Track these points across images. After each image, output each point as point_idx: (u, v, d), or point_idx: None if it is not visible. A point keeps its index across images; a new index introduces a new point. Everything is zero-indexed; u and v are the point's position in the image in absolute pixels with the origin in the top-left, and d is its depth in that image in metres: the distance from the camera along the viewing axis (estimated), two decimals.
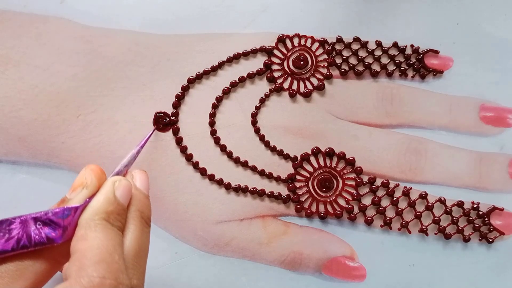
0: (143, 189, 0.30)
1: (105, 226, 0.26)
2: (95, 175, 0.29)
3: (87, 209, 0.27)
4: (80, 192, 0.28)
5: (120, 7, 0.40)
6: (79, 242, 0.25)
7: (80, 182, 0.29)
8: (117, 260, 0.25)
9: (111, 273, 0.24)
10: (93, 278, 0.23)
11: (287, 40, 0.40)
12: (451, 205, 0.39)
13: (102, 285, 0.23)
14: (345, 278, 0.39)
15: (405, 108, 0.40)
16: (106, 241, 0.25)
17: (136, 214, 0.28)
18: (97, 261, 0.24)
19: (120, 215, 0.28)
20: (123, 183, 0.29)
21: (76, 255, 0.25)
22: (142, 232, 0.28)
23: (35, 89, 0.39)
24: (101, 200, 0.27)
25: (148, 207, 0.30)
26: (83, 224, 0.26)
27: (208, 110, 0.40)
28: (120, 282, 0.24)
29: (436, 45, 0.40)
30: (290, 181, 0.39)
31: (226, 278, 0.39)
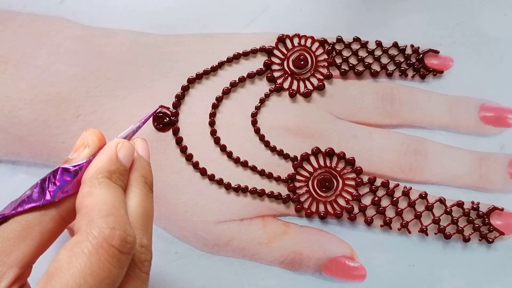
0: (145, 156, 0.31)
1: (109, 184, 0.27)
2: (96, 136, 0.29)
3: (90, 167, 0.28)
4: (82, 151, 0.29)
5: (120, 7, 0.40)
6: (85, 199, 0.26)
7: (81, 142, 0.29)
8: (123, 215, 0.26)
9: (119, 225, 0.25)
10: (103, 229, 0.24)
11: (287, 40, 0.40)
12: (451, 205, 0.39)
13: (112, 236, 0.24)
14: (345, 278, 0.39)
15: (405, 108, 0.40)
16: (111, 197, 0.26)
17: (140, 178, 0.29)
18: (106, 214, 0.25)
19: (122, 175, 0.28)
20: (126, 145, 0.29)
21: (83, 210, 0.25)
22: (147, 196, 0.29)
23: (35, 89, 0.39)
24: (104, 159, 0.28)
25: (150, 173, 0.30)
26: (87, 182, 0.27)
27: (208, 110, 0.40)
28: (128, 233, 0.25)
29: (436, 45, 0.40)
30: (290, 181, 0.39)
31: (226, 278, 0.39)
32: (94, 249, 0.24)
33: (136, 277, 0.26)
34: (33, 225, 0.27)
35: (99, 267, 0.24)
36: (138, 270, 0.26)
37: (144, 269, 0.27)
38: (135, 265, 0.26)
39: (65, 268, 0.23)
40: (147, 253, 0.27)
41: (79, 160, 0.28)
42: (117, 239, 0.24)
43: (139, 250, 0.26)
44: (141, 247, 0.26)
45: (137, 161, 0.30)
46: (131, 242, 0.25)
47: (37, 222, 0.27)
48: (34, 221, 0.27)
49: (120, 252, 0.24)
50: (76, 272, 0.23)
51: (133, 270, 0.26)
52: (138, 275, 0.26)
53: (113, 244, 0.24)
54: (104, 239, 0.24)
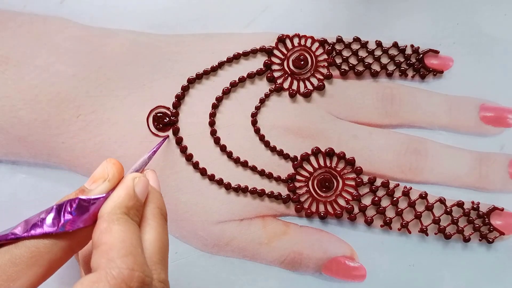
0: (156, 187, 0.31)
1: (127, 220, 0.27)
2: (117, 170, 0.29)
3: (107, 203, 0.27)
4: (101, 184, 0.29)
5: (120, 7, 0.40)
6: (103, 235, 0.26)
7: (101, 174, 0.29)
8: (141, 254, 0.26)
9: (138, 266, 0.25)
10: (123, 269, 0.24)
11: (287, 40, 0.40)
12: (451, 205, 0.39)
13: (131, 277, 0.24)
14: (345, 278, 0.39)
15: (405, 108, 0.40)
16: (130, 235, 0.26)
17: (156, 211, 0.29)
18: (125, 254, 0.25)
19: (138, 211, 0.28)
20: (142, 179, 0.29)
21: (102, 247, 0.25)
22: (163, 229, 0.29)
23: (35, 89, 0.39)
24: (123, 195, 0.28)
25: (164, 204, 0.30)
26: (105, 217, 0.27)
27: (208, 110, 0.40)
28: (147, 275, 0.25)
29: (436, 45, 0.40)
30: (290, 181, 0.39)
31: (226, 278, 0.39)
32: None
33: None
34: (43, 254, 0.26)
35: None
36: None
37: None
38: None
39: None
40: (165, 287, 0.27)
41: (98, 193, 0.28)
42: (135, 281, 0.24)
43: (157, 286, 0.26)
44: (159, 282, 0.26)
45: (151, 194, 0.30)
46: (148, 284, 0.25)
47: (47, 251, 0.26)
48: (45, 250, 0.26)
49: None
50: None
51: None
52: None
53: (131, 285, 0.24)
54: (123, 280, 0.24)
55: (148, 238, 0.27)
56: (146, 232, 0.28)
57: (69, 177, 0.39)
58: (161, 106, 0.39)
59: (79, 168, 0.39)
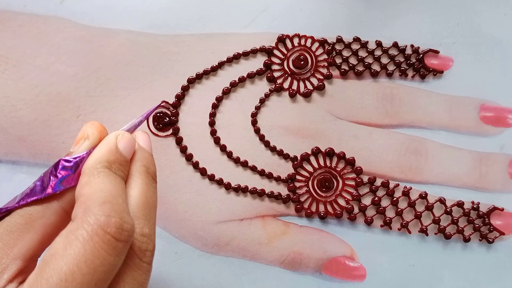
0: (146, 148, 0.31)
1: (108, 174, 0.27)
2: (96, 128, 0.29)
3: (89, 158, 0.28)
4: (82, 144, 0.29)
5: (120, 7, 0.40)
6: (83, 188, 0.26)
7: (81, 135, 0.29)
8: (121, 203, 0.26)
9: (116, 212, 0.25)
10: (99, 216, 0.24)
11: (287, 40, 0.40)
12: (451, 205, 0.39)
13: (108, 223, 0.24)
14: (345, 278, 0.39)
15: (405, 108, 0.40)
16: (110, 186, 0.26)
17: (142, 168, 0.29)
18: (102, 202, 0.25)
19: (122, 165, 0.28)
20: (126, 136, 0.29)
21: (81, 199, 0.25)
22: (149, 186, 0.28)
23: (35, 89, 0.39)
24: (103, 150, 0.28)
25: (153, 164, 0.30)
26: (86, 171, 0.27)
27: (208, 110, 0.40)
28: (126, 221, 0.25)
29: (436, 45, 0.40)
30: (290, 181, 0.39)
31: (226, 278, 0.39)
32: (89, 236, 0.24)
33: (136, 266, 0.26)
34: (35, 218, 0.26)
35: (94, 254, 0.23)
36: (138, 260, 0.26)
37: (145, 259, 0.26)
38: (135, 255, 0.26)
39: (59, 255, 0.23)
40: (149, 242, 0.26)
41: (79, 153, 0.28)
42: (112, 227, 0.24)
43: (139, 240, 0.26)
44: (142, 236, 0.26)
45: (139, 152, 0.30)
46: (128, 230, 0.25)
47: (40, 215, 0.27)
48: (37, 214, 0.27)
49: (116, 240, 0.24)
50: (70, 259, 0.23)
51: (132, 260, 0.26)
52: (138, 264, 0.26)
53: (109, 231, 0.24)
54: (99, 226, 0.24)
55: (132, 194, 0.27)
56: (131, 188, 0.28)
57: None
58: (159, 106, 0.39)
59: None
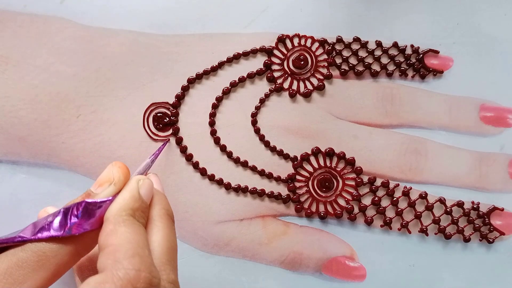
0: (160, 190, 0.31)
1: (133, 222, 0.27)
2: (122, 173, 0.29)
3: (113, 205, 0.27)
4: (107, 188, 0.29)
5: (120, 7, 0.40)
6: (109, 237, 0.26)
7: (107, 178, 0.29)
8: (148, 255, 0.26)
9: (145, 267, 0.25)
10: (129, 270, 0.24)
11: (287, 40, 0.40)
12: (451, 205, 0.39)
13: (137, 278, 0.24)
14: (345, 278, 0.39)
15: (405, 108, 0.40)
16: (136, 236, 0.26)
17: (163, 211, 0.29)
18: (131, 255, 0.25)
19: (144, 212, 0.28)
20: (147, 182, 0.29)
21: (108, 249, 0.25)
22: (170, 230, 0.28)
23: (35, 89, 0.39)
24: (127, 197, 0.28)
25: (170, 206, 0.30)
26: (111, 219, 0.27)
27: (208, 110, 0.40)
28: (154, 275, 0.25)
29: (436, 45, 0.40)
30: (290, 181, 0.39)
31: (226, 278, 0.39)
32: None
33: None
34: (49, 257, 0.26)
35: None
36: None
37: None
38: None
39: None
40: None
41: (104, 197, 0.28)
42: (142, 282, 0.24)
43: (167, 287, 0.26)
44: (169, 283, 0.26)
45: (156, 196, 0.30)
46: (155, 285, 0.25)
47: (54, 254, 0.26)
48: (51, 253, 0.26)
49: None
50: None
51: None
52: None
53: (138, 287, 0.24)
54: (129, 281, 0.24)
55: (155, 240, 0.27)
56: (153, 233, 0.28)
57: (69, 177, 0.39)
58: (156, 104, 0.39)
59: (79, 168, 0.39)
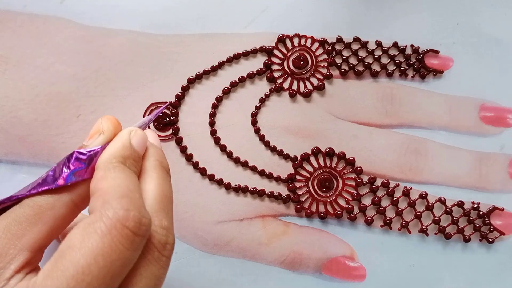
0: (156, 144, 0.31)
1: (123, 168, 0.27)
2: (111, 123, 0.29)
3: (104, 153, 0.28)
4: (97, 138, 0.29)
5: (120, 7, 0.40)
6: (99, 182, 0.26)
7: (96, 129, 0.29)
8: (138, 198, 0.26)
9: (134, 206, 0.25)
10: (117, 210, 0.24)
11: (287, 40, 0.40)
12: (451, 205, 0.39)
13: (126, 217, 0.24)
14: (345, 278, 0.39)
15: (405, 108, 0.40)
16: (126, 181, 0.26)
17: (156, 163, 0.29)
18: (120, 196, 0.25)
19: (136, 161, 0.28)
20: (139, 132, 0.29)
21: (98, 193, 0.25)
22: (164, 180, 0.28)
23: (35, 89, 0.39)
24: (118, 145, 0.28)
25: (165, 158, 0.30)
26: (102, 166, 0.27)
27: (208, 110, 0.40)
28: (144, 215, 0.25)
29: (436, 45, 0.40)
30: (290, 181, 0.39)
31: (226, 278, 0.39)
32: (107, 230, 0.24)
33: (155, 260, 0.26)
34: (45, 210, 0.26)
35: (111, 248, 0.23)
36: (158, 253, 0.26)
37: (165, 253, 0.26)
38: (154, 248, 0.26)
39: (76, 247, 0.23)
40: (169, 235, 0.26)
41: (94, 146, 0.28)
42: (131, 221, 0.24)
43: (160, 232, 0.26)
44: (162, 229, 0.26)
45: (150, 148, 0.30)
46: (146, 225, 0.25)
47: (50, 207, 0.26)
48: (47, 206, 0.26)
49: (134, 234, 0.24)
50: (87, 251, 0.23)
51: (151, 254, 0.25)
52: (157, 258, 0.26)
53: (127, 225, 0.24)
54: (118, 220, 0.24)
55: (148, 188, 0.27)
56: (147, 183, 0.28)
57: None
58: (156, 104, 0.39)
59: None
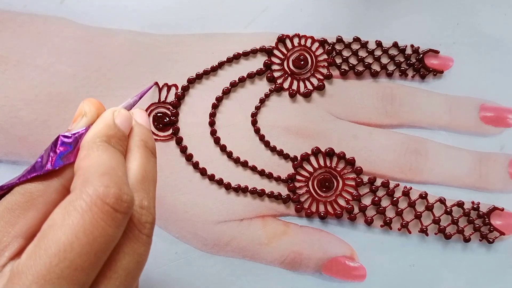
0: (144, 124, 0.31)
1: (107, 147, 0.27)
2: (93, 105, 0.29)
3: (87, 133, 0.28)
4: (80, 120, 0.29)
5: (120, 7, 0.40)
6: (82, 161, 0.26)
7: (79, 112, 0.29)
8: (121, 175, 0.25)
9: (115, 183, 0.24)
10: (97, 187, 0.24)
11: (287, 40, 0.40)
12: (451, 205, 0.39)
13: (106, 194, 0.24)
14: (345, 278, 0.39)
15: (405, 108, 0.40)
16: (108, 159, 0.26)
17: (140, 143, 0.29)
18: (101, 174, 0.25)
19: (121, 140, 0.28)
20: (123, 112, 0.29)
21: (80, 171, 0.25)
22: (148, 159, 0.28)
23: (35, 89, 0.39)
24: (101, 125, 0.28)
25: (151, 139, 0.30)
26: (85, 146, 0.27)
27: (208, 110, 0.40)
28: (124, 192, 0.25)
29: (436, 45, 0.40)
30: (290, 181, 0.39)
31: (226, 278, 0.39)
32: (87, 207, 0.23)
33: (135, 238, 0.26)
34: (36, 196, 0.26)
35: (93, 225, 0.23)
36: (137, 232, 0.26)
37: (145, 231, 0.26)
38: (134, 227, 0.26)
39: (57, 226, 0.23)
40: (148, 214, 0.26)
41: (78, 129, 0.28)
42: (111, 197, 0.24)
43: (139, 212, 0.26)
44: (141, 208, 0.26)
45: (136, 127, 0.29)
46: (127, 201, 0.24)
47: (41, 193, 0.26)
48: (38, 192, 0.26)
49: (115, 211, 0.24)
50: (68, 229, 0.23)
51: (132, 232, 0.25)
52: (138, 236, 0.26)
53: (108, 202, 0.24)
54: (98, 196, 0.24)
55: (130, 167, 0.27)
56: (129, 162, 0.28)
57: None
58: (156, 104, 0.39)
59: None
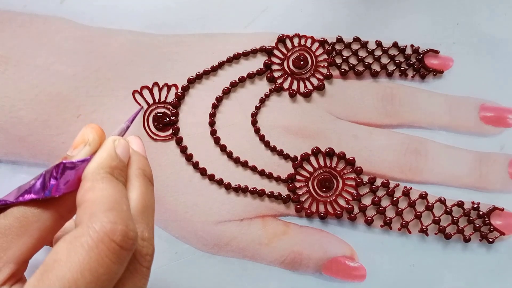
0: (141, 152, 0.31)
1: (111, 179, 0.27)
2: (96, 133, 0.29)
3: (91, 164, 0.27)
4: (83, 148, 0.29)
5: (120, 7, 0.40)
6: (87, 193, 0.26)
7: (81, 139, 0.29)
8: (126, 210, 0.25)
9: (121, 220, 0.24)
10: (105, 223, 0.24)
11: (287, 40, 0.40)
12: (451, 205, 0.39)
13: (114, 231, 0.24)
14: (345, 278, 0.39)
15: (405, 108, 0.40)
16: (114, 192, 0.26)
17: (139, 171, 0.29)
18: (108, 209, 0.25)
19: (122, 171, 0.28)
20: (122, 141, 0.29)
21: (85, 204, 0.25)
22: (147, 189, 0.28)
23: (35, 89, 0.39)
24: (105, 156, 0.28)
25: (149, 166, 0.30)
26: (89, 177, 0.27)
27: (208, 110, 0.40)
28: (131, 229, 0.25)
29: (436, 45, 0.40)
30: (290, 181, 0.39)
31: (226, 278, 0.39)
32: (94, 244, 0.23)
33: (136, 272, 0.26)
34: (31, 222, 0.26)
35: (98, 262, 0.23)
36: (138, 265, 0.26)
37: (145, 264, 0.26)
38: (135, 260, 0.26)
39: (63, 261, 0.23)
40: (149, 246, 0.26)
41: (80, 157, 0.28)
42: (118, 235, 0.24)
43: (140, 244, 0.26)
44: (142, 240, 0.26)
45: (133, 156, 0.30)
46: (133, 238, 0.25)
47: (36, 219, 0.26)
48: (33, 218, 0.26)
49: (121, 248, 0.24)
50: (74, 266, 0.23)
51: (133, 265, 0.25)
52: (138, 269, 0.26)
53: (114, 239, 0.24)
54: (105, 233, 0.24)
55: (131, 197, 0.27)
56: (129, 191, 0.28)
57: None
58: (156, 104, 0.39)
59: None
